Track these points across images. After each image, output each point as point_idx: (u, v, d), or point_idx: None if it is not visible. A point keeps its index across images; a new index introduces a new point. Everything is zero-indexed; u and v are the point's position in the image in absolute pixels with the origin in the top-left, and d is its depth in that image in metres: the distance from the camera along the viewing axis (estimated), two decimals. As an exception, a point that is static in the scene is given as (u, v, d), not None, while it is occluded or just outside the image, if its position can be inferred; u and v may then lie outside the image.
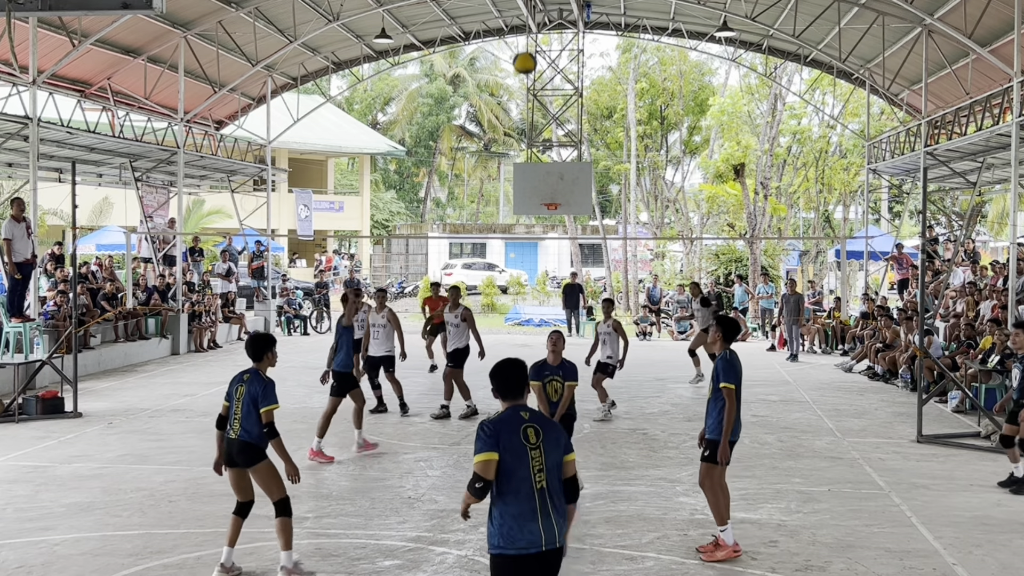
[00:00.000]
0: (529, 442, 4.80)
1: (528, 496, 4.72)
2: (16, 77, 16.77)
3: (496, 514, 4.76)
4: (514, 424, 4.85)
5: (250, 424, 6.88)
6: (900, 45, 21.56)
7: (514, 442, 4.78)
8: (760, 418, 13.66)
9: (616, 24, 26.54)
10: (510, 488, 4.74)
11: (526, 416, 4.90)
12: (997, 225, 36.81)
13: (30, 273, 15.86)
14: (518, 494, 4.73)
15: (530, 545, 4.68)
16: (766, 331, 25.30)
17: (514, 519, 4.70)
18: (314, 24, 22.97)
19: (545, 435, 4.86)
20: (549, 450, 4.83)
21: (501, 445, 4.77)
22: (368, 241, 51.69)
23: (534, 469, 4.76)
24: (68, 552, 7.49)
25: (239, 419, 6.91)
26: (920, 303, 13.51)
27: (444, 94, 59.17)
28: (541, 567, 4.72)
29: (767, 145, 33.50)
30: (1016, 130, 15.64)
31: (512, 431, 4.82)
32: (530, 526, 4.69)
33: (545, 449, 4.82)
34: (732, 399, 7.29)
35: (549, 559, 4.72)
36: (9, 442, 11.57)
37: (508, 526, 4.70)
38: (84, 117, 20.32)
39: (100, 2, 10.80)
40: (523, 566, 4.69)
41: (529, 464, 4.76)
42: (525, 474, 4.75)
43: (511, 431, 4.82)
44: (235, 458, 6.95)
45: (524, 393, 5.02)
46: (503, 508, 4.74)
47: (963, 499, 9.29)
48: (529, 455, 4.78)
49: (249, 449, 6.89)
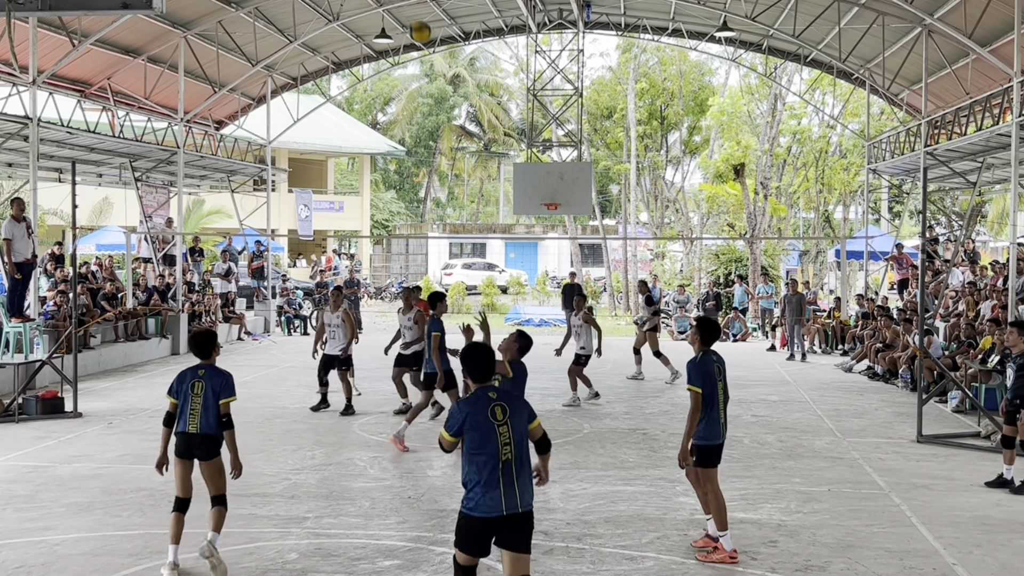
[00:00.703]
0: (497, 420, 5.40)
1: (494, 468, 5.32)
2: (16, 77, 16.77)
3: (467, 481, 5.42)
4: (483, 404, 5.45)
5: (211, 417, 7.02)
6: (900, 45, 21.57)
7: (482, 421, 5.38)
8: (760, 418, 13.66)
9: (616, 24, 26.54)
10: (479, 461, 5.36)
11: (494, 396, 5.50)
12: (997, 225, 36.81)
13: (30, 273, 15.86)
14: (486, 466, 5.34)
15: (492, 510, 5.32)
16: (766, 331, 25.30)
17: (481, 487, 5.33)
18: (314, 24, 22.97)
19: (512, 412, 5.47)
20: (515, 424, 5.45)
21: (468, 424, 5.40)
22: (368, 241, 51.69)
23: (501, 443, 5.36)
24: (68, 552, 7.49)
25: (198, 413, 7.02)
26: (920, 303, 13.52)
27: (444, 94, 59.17)
28: (502, 528, 5.35)
29: (767, 145, 33.49)
30: (1016, 130, 15.63)
31: (481, 411, 5.41)
32: (493, 494, 5.31)
33: (512, 424, 5.43)
34: (695, 402, 7.22)
35: (510, 521, 5.35)
36: (9, 442, 11.57)
37: (476, 493, 5.36)
38: (84, 117, 20.32)
39: (100, 2, 10.80)
40: (486, 527, 5.35)
41: (497, 440, 5.36)
42: (493, 449, 5.35)
43: (480, 411, 5.42)
44: (194, 451, 7.09)
45: (492, 375, 5.66)
46: (473, 477, 5.38)
47: (963, 499, 9.29)
48: (497, 432, 5.38)
49: (210, 441, 7.06)
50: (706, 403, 7.22)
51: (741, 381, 17.49)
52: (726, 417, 7.44)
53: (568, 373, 14.73)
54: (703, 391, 7.22)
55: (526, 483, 5.44)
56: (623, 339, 24.67)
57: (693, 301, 29.22)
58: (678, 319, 26.87)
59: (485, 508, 5.35)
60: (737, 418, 13.63)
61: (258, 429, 12.34)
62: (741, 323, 25.88)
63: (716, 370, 7.34)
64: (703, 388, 7.22)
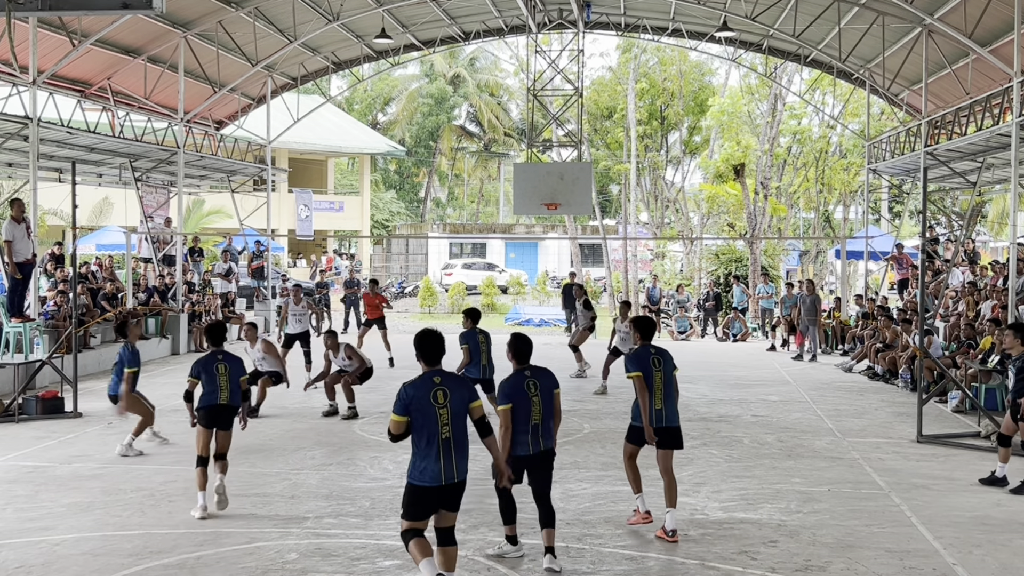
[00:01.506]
0: (438, 403, 6.11)
1: (434, 444, 6.09)
2: (16, 77, 16.77)
3: (412, 455, 6.19)
4: (427, 388, 6.13)
5: (235, 392, 8.74)
6: (900, 45, 21.56)
7: (424, 403, 6.09)
8: (760, 418, 13.66)
9: (616, 24, 26.53)
10: (421, 438, 6.12)
11: (438, 381, 6.17)
12: (997, 225, 36.80)
13: (30, 273, 15.86)
14: (427, 443, 6.11)
15: (432, 480, 6.11)
16: (766, 331, 25.30)
17: (423, 460, 6.12)
18: (314, 24, 22.97)
19: (452, 395, 6.17)
20: (456, 407, 6.15)
21: (413, 407, 6.10)
22: (368, 241, 51.70)
23: (441, 423, 6.10)
24: (68, 552, 7.49)
25: (227, 389, 8.66)
26: (920, 303, 13.52)
27: (444, 94, 59.16)
28: (441, 496, 6.16)
29: (767, 145, 33.49)
30: (1016, 130, 15.63)
31: (424, 394, 6.11)
32: (433, 467, 6.09)
33: (452, 407, 6.13)
34: (639, 384, 7.93)
35: (448, 490, 6.16)
36: (9, 442, 11.57)
37: (418, 466, 6.14)
38: (84, 117, 20.32)
39: (100, 2, 10.79)
40: (426, 495, 6.14)
41: (437, 420, 6.09)
42: (434, 428, 6.09)
43: (423, 394, 6.12)
44: (219, 420, 8.65)
45: (440, 359, 6.26)
46: (416, 452, 6.16)
47: (963, 499, 9.29)
48: (437, 413, 6.10)
49: (232, 411, 8.77)
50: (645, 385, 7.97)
51: (741, 381, 17.50)
52: (663, 404, 7.98)
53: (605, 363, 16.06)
54: (641, 375, 7.93)
55: (464, 457, 6.21)
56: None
57: (693, 301, 29.23)
58: (678, 319, 26.87)
59: (428, 478, 6.11)
60: (737, 418, 13.65)
61: (258, 429, 12.34)
62: (741, 323, 25.88)
63: (654, 361, 8.01)
64: (643, 372, 7.93)
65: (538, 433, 7.01)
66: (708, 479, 9.99)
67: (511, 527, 7.31)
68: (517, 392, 6.96)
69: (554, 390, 7.15)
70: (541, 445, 7.04)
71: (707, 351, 23.17)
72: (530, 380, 7.06)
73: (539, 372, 7.15)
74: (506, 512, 7.28)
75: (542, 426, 7.02)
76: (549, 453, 7.16)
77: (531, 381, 7.04)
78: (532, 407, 6.97)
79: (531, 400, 6.96)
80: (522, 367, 7.13)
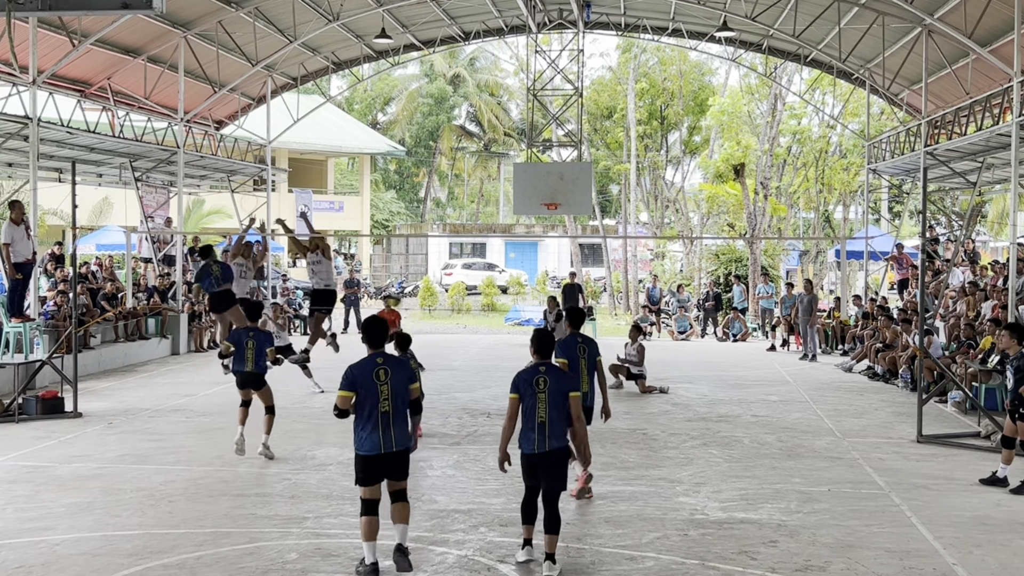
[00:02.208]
0: (379, 380, 6.87)
1: (374, 417, 6.84)
2: (16, 77, 16.77)
3: (356, 428, 6.93)
4: (370, 367, 6.91)
5: (261, 361, 10.63)
6: (900, 45, 21.56)
7: (367, 381, 6.86)
8: (760, 418, 13.66)
9: (616, 24, 26.53)
10: (364, 412, 6.87)
11: (380, 361, 6.94)
12: (997, 225, 36.79)
13: (30, 273, 15.87)
14: (369, 417, 6.85)
15: (373, 449, 6.87)
16: (766, 331, 25.30)
17: (365, 432, 6.88)
18: (314, 24, 22.97)
19: (393, 374, 6.93)
20: (395, 384, 6.90)
21: (358, 383, 6.86)
22: (368, 241, 51.68)
23: (381, 398, 6.84)
24: (68, 552, 7.49)
25: (252, 359, 10.57)
26: (920, 303, 13.51)
27: (444, 94, 59.14)
28: (382, 463, 6.92)
29: (767, 145, 33.47)
30: (1016, 130, 15.62)
31: (367, 372, 6.89)
32: (374, 437, 6.85)
33: (392, 385, 6.88)
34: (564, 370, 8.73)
35: (388, 458, 6.92)
36: (9, 442, 11.57)
37: (361, 437, 6.90)
38: (84, 117, 20.32)
39: (100, 2, 10.80)
40: (369, 463, 6.92)
41: (378, 396, 6.83)
42: (375, 402, 6.83)
43: (366, 372, 6.89)
44: (249, 382, 10.71)
45: (383, 343, 7.07)
46: (359, 424, 6.90)
47: (963, 499, 9.29)
48: (379, 390, 6.84)
49: (258, 377, 10.70)
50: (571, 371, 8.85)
51: (741, 381, 17.50)
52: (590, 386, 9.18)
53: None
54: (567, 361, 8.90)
55: (402, 429, 6.95)
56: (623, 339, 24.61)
57: (693, 301, 29.23)
58: (678, 319, 26.87)
59: (368, 447, 6.88)
60: (737, 418, 13.66)
61: (258, 429, 12.32)
62: (741, 323, 25.88)
63: (580, 349, 9.12)
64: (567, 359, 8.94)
65: (545, 432, 7.05)
66: (708, 479, 9.99)
67: (527, 528, 7.32)
68: (525, 384, 7.16)
69: (570, 393, 7.13)
70: (547, 445, 7.06)
71: (707, 351, 23.17)
72: (542, 376, 7.14)
73: (553, 371, 7.25)
74: (524, 512, 7.32)
75: (549, 425, 7.04)
76: (557, 453, 7.13)
77: (542, 377, 7.13)
78: (537, 403, 7.05)
79: (536, 396, 7.06)
80: (539, 362, 7.27)
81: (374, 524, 6.92)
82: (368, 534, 6.91)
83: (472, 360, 19.51)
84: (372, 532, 6.91)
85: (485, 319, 34.43)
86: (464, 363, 19.36)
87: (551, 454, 7.11)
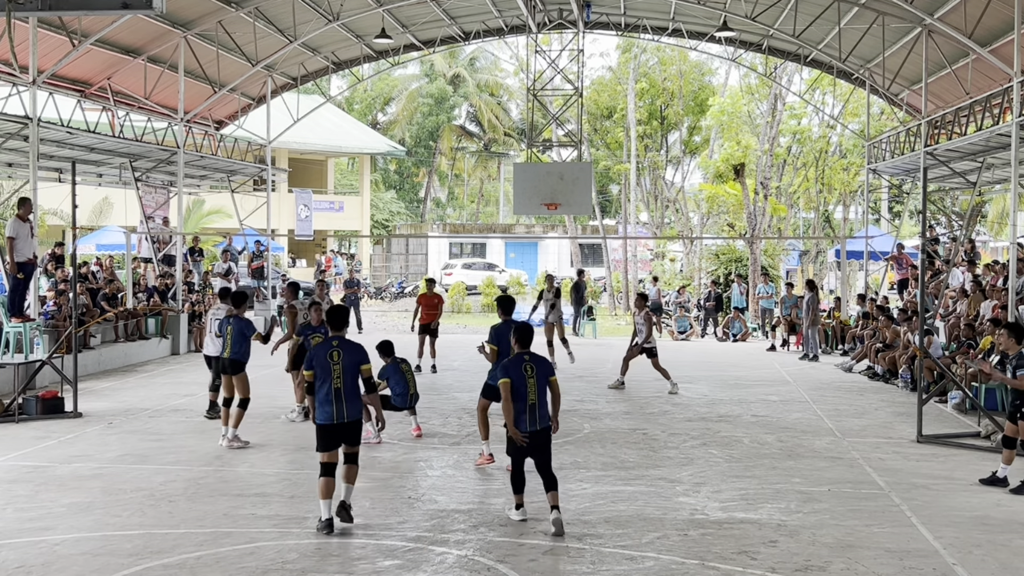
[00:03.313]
0: (333, 361, 8.02)
1: (329, 392, 7.99)
2: (16, 77, 16.76)
3: (316, 402, 8.04)
4: (326, 349, 8.10)
5: (237, 347, 11.18)
6: (900, 45, 21.56)
7: (323, 360, 8.02)
8: (760, 418, 13.66)
9: (616, 24, 26.53)
10: (321, 388, 8.02)
11: (335, 344, 8.12)
12: (997, 225, 36.80)
13: (32, 273, 15.88)
14: (325, 391, 8.00)
15: (327, 419, 8.02)
16: (766, 331, 25.31)
17: (321, 405, 8.03)
18: (314, 24, 22.97)
19: (344, 355, 8.06)
20: (346, 364, 8.03)
21: (316, 362, 8.04)
22: (368, 241, 51.69)
23: (334, 376, 7.99)
24: (68, 552, 7.49)
25: (230, 345, 11.15)
26: (920, 303, 13.51)
27: (444, 94, 59.13)
28: (337, 432, 8.08)
29: (767, 145, 33.47)
30: (1016, 130, 15.62)
31: (323, 354, 8.07)
32: (328, 409, 8.01)
33: (344, 364, 8.01)
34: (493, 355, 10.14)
35: (340, 427, 8.06)
36: (9, 442, 11.57)
37: (319, 409, 8.05)
38: (84, 117, 20.31)
39: (100, 2, 10.81)
40: (326, 431, 8.07)
41: (331, 374, 7.98)
42: (328, 379, 7.98)
43: (323, 354, 8.07)
44: (227, 368, 11.27)
45: (344, 328, 8.29)
46: (317, 398, 8.04)
47: (963, 499, 9.29)
48: (332, 369, 7.99)
49: (237, 363, 11.20)
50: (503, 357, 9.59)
51: (741, 381, 17.50)
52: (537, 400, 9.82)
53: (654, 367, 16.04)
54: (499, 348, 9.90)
55: (352, 404, 8.06)
56: (623, 339, 24.63)
57: (693, 301, 29.23)
58: (678, 319, 26.87)
59: (324, 417, 8.02)
60: (737, 418, 13.65)
61: (258, 429, 12.34)
62: (741, 323, 25.88)
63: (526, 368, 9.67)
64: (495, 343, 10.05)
65: (535, 412, 8.05)
66: (708, 479, 9.99)
67: (519, 496, 8.31)
68: (515, 371, 8.09)
69: (550, 376, 8.24)
70: (538, 424, 8.09)
71: (707, 351, 23.18)
72: (528, 363, 8.14)
73: (536, 359, 8.26)
74: (515, 482, 8.28)
75: (539, 407, 8.08)
76: (545, 431, 8.18)
77: (529, 364, 8.14)
78: (527, 388, 8.03)
79: (527, 381, 8.05)
80: (522, 351, 8.27)
81: (330, 485, 8.00)
82: (324, 493, 7.99)
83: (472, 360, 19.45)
84: (328, 491, 7.99)
85: (485, 319, 34.41)
86: (464, 363, 19.35)
87: (542, 432, 8.13)
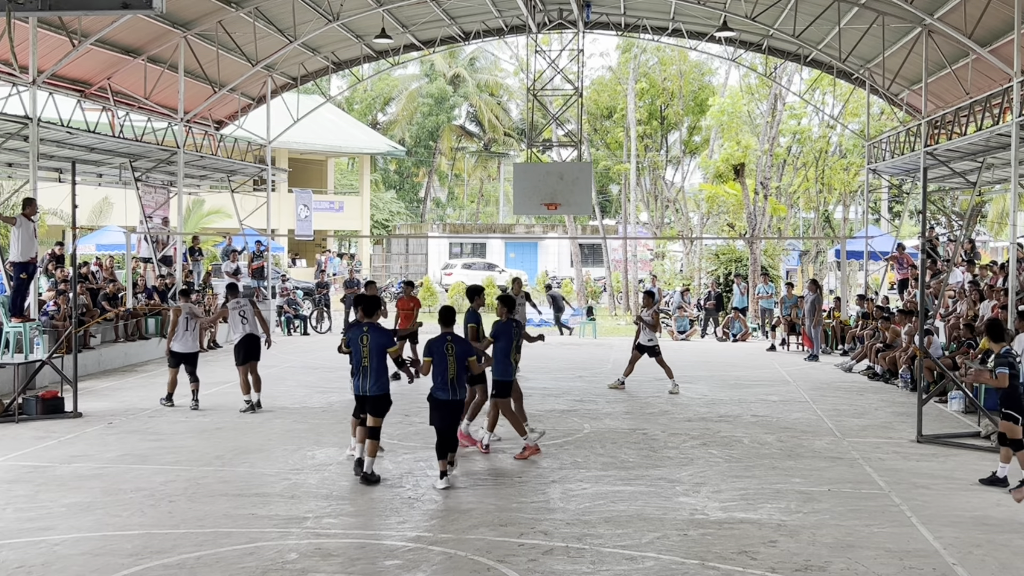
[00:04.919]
0: (363, 343, 9.46)
1: (359, 367, 9.54)
2: (16, 77, 16.77)
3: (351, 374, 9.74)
4: (358, 332, 9.58)
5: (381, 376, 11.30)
6: (900, 45, 21.56)
7: (355, 341, 9.54)
8: (760, 418, 13.66)
9: (616, 24, 26.53)
10: (352, 364, 9.65)
11: (365, 329, 9.52)
12: (997, 225, 36.79)
13: (34, 273, 15.89)
14: (355, 367, 9.61)
15: (357, 391, 9.67)
16: (766, 331, 25.30)
17: (353, 378, 9.71)
18: (314, 24, 22.97)
19: (372, 338, 9.45)
20: (373, 346, 9.43)
21: (349, 342, 9.61)
22: (368, 241, 51.68)
23: (363, 355, 9.48)
24: (68, 552, 7.49)
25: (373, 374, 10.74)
26: (920, 303, 13.51)
27: (444, 94, 59.13)
28: (362, 402, 9.66)
29: (767, 145, 33.46)
30: (1016, 130, 15.63)
31: (356, 336, 9.57)
32: (357, 382, 9.62)
33: (371, 346, 9.42)
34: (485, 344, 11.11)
35: (364, 399, 9.60)
36: (9, 442, 11.57)
37: (352, 380, 9.74)
38: (84, 117, 20.31)
39: (100, 2, 10.79)
40: (357, 400, 9.74)
41: (360, 352, 9.49)
42: (359, 358, 9.52)
43: (355, 336, 9.57)
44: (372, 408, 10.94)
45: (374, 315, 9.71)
46: (352, 372, 9.69)
47: (963, 499, 9.29)
48: (360, 348, 9.47)
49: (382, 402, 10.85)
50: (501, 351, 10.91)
51: (741, 381, 17.50)
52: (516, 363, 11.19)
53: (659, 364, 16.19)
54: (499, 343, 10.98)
55: (375, 380, 9.49)
56: (623, 339, 24.66)
57: (693, 302, 29.23)
58: (678, 319, 26.87)
59: (354, 389, 9.67)
60: (737, 418, 13.65)
61: (258, 429, 12.35)
62: (741, 323, 25.88)
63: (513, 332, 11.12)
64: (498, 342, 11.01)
65: (453, 386, 9.49)
66: (708, 479, 9.99)
67: (442, 462, 9.50)
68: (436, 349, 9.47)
69: (469, 357, 9.61)
70: (456, 395, 9.59)
71: (707, 351, 23.18)
72: (449, 343, 9.51)
73: (457, 339, 9.65)
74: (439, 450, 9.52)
75: (457, 381, 9.51)
76: (459, 403, 9.80)
77: (450, 344, 9.51)
78: (448, 364, 9.42)
79: (447, 359, 9.43)
80: (445, 332, 9.61)
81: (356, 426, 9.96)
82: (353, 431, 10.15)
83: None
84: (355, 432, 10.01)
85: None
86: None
87: (455, 403, 9.63)
